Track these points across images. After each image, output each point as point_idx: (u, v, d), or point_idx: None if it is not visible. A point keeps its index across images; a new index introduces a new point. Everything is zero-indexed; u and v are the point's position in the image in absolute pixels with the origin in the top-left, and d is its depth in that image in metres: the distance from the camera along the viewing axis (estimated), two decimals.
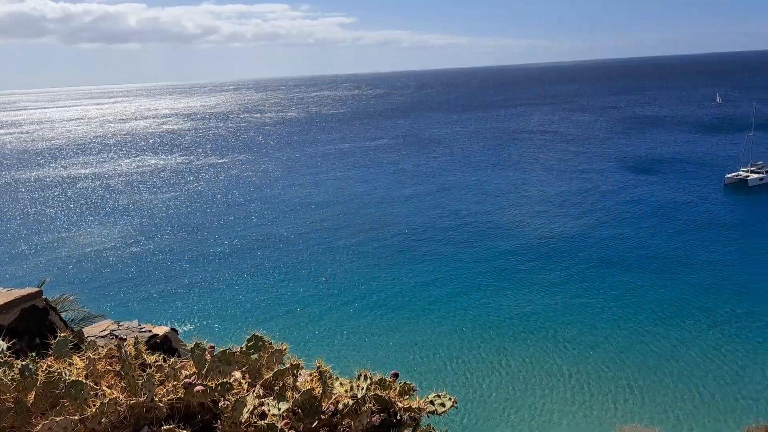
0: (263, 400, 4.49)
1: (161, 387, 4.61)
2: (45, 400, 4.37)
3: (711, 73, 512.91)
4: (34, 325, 6.06)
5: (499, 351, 47.10)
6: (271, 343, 5.27)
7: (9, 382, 4.25)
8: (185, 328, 51.47)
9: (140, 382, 4.57)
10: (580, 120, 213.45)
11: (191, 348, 4.92)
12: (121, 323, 9.93)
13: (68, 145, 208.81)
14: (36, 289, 5.93)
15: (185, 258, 76.92)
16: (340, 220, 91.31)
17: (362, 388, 4.48)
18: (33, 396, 4.35)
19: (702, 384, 40.71)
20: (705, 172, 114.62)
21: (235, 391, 4.57)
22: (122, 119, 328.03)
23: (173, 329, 9.83)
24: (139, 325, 9.85)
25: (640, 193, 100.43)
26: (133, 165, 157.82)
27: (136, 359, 4.95)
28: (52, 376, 4.46)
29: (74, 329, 6.92)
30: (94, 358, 4.87)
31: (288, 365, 4.90)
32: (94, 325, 9.83)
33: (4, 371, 4.34)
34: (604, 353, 45.66)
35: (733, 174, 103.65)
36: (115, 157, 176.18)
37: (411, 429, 4.57)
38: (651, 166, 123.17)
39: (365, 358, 44.01)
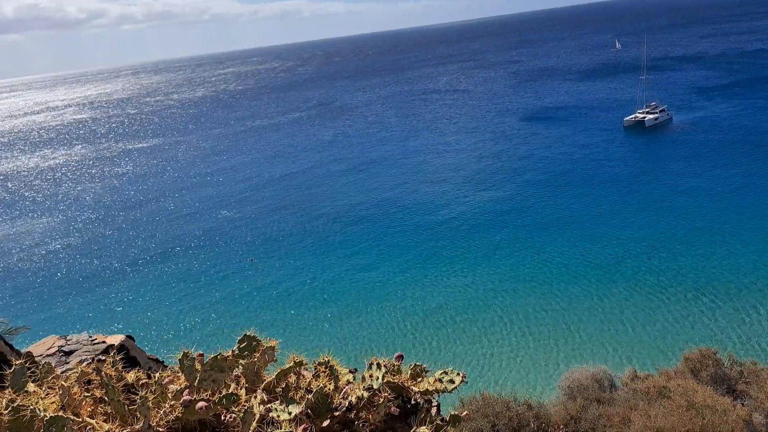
0: (269, 405, 4.07)
1: (156, 409, 4.08)
2: None
3: (610, 20, 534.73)
4: None
5: (447, 312, 48.22)
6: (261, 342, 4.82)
7: None
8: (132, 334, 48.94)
9: (130, 407, 4.06)
10: (485, 76, 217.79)
11: (179, 359, 4.40)
12: (68, 337, 8.84)
13: None
14: None
15: (99, 256, 73.13)
16: (267, 201, 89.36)
17: (377, 378, 4.18)
18: None
19: (634, 318, 43.33)
20: (606, 116, 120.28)
21: (241, 401, 4.17)
22: (13, 115, 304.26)
23: (129, 336, 8.89)
24: (90, 336, 8.87)
25: (549, 141, 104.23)
26: (32, 162, 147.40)
27: (117, 381, 4.41)
28: (22, 414, 3.73)
29: (20, 352, 6.28)
30: (67, 387, 4.22)
31: (289, 363, 4.44)
32: (37, 343, 8.85)
33: None
34: (544, 303, 47.59)
35: (630, 117, 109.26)
36: (13, 155, 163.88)
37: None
38: (556, 115, 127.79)
39: (326, 343, 43.78)
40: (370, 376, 4.29)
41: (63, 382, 4.31)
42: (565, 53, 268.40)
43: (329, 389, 4.18)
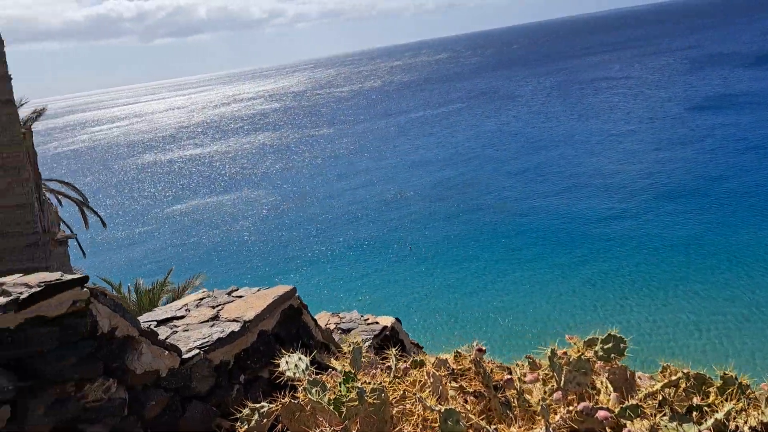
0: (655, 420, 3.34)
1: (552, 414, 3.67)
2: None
3: None
4: (293, 329, 5.42)
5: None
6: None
7: (332, 408, 3.37)
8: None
9: (520, 408, 3.86)
10: (661, 63, 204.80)
11: (548, 356, 4.00)
12: (340, 314, 8.72)
13: (169, 132, 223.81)
14: (290, 287, 5.39)
15: (301, 230, 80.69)
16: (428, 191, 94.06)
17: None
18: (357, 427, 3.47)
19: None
20: None
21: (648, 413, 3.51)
22: (208, 107, 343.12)
23: (397, 319, 8.51)
24: (361, 315, 8.66)
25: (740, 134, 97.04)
26: (229, 145, 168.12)
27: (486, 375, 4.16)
28: (406, 401, 3.70)
29: (324, 330, 6.14)
30: (439, 376, 4.01)
31: (675, 374, 3.82)
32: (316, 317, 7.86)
33: (318, 393, 3.47)
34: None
35: None
36: (214, 139, 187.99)
37: None
38: (747, 101, 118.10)
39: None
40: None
41: (433, 369, 4.03)
42: (751, 36, 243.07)
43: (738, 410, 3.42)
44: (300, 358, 4.03)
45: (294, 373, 3.95)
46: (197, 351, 4.29)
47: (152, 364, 3.93)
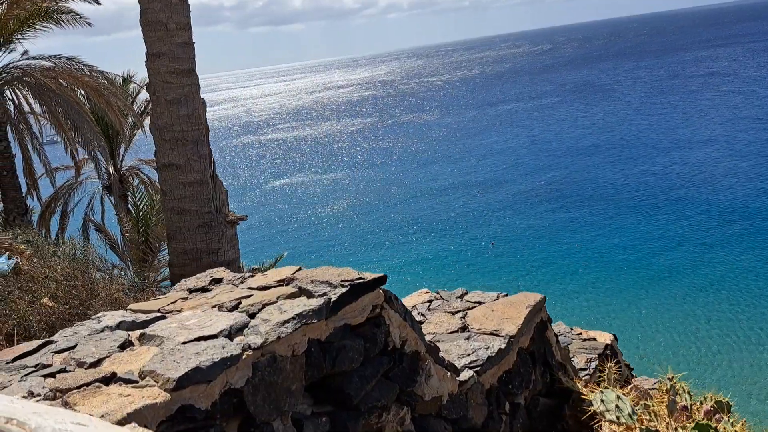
0: None
1: None
2: None
3: None
4: (541, 347, 4.42)
5: None
6: None
7: None
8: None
9: None
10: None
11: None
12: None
13: (275, 115, 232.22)
14: (540, 296, 4.48)
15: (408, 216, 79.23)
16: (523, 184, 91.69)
17: None
18: None
19: None
20: None
21: None
22: (308, 92, 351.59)
23: (614, 335, 7.10)
24: (571, 329, 7.18)
25: None
26: (334, 127, 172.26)
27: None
28: None
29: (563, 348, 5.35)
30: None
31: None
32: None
33: None
34: None
35: None
36: (317, 122, 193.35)
37: None
38: None
39: None
40: None
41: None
42: None
43: None
44: (620, 398, 3.19)
45: (617, 416, 3.10)
46: (471, 373, 3.51)
47: (438, 389, 3.19)
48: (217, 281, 3.16)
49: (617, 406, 3.18)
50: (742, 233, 56.64)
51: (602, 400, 3.19)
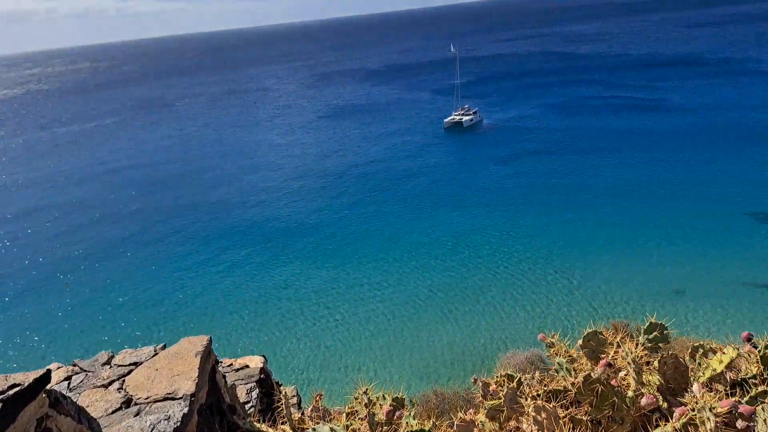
0: None
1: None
2: None
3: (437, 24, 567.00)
4: (214, 397, 3.78)
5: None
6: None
7: None
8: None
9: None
10: (301, 79, 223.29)
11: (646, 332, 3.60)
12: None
13: None
14: (206, 337, 4.27)
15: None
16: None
17: None
18: None
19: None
20: (430, 117, 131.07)
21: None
22: None
23: (263, 356, 6.91)
24: (219, 361, 6.67)
25: (378, 146, 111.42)
26: None
27: None
28: None
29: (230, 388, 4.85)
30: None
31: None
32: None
33: None
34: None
35: (449, 118, 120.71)
36: None
37: None
38: (386, 117, 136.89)
39: None
40: None
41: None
42: (380, 56, 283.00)
43: None
44: (333, 430, 3.04)
45: None
46: None
47: None
48: None
49: None
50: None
51: None
